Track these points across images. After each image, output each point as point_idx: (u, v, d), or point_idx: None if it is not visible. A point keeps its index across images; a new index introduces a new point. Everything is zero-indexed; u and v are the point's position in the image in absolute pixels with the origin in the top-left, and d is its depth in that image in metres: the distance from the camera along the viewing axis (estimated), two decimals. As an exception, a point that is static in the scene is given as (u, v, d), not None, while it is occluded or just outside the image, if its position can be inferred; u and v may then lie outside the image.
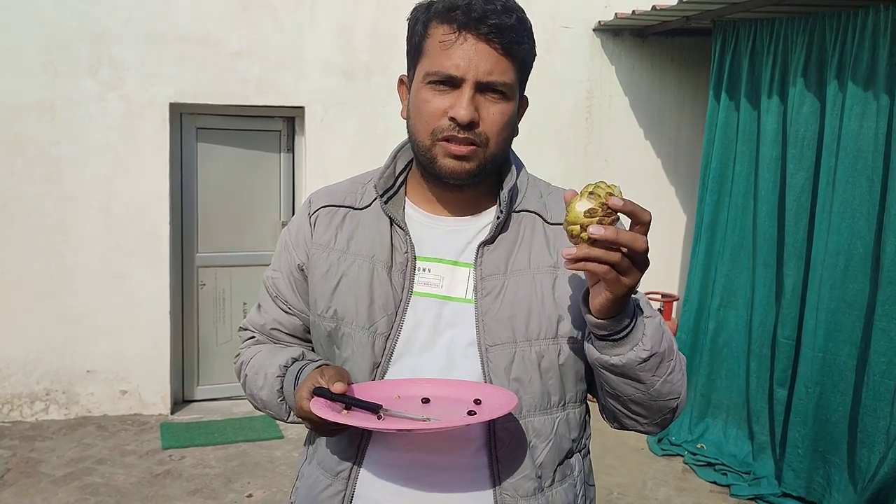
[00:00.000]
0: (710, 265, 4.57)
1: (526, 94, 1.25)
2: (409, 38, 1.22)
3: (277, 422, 4.77)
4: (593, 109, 5.47)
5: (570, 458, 1.25)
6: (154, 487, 3.86)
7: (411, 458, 1.19)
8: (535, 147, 4.99)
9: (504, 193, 1.23)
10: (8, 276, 4.64)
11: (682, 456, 4.43)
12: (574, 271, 1.19)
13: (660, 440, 4.56)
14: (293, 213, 5.26)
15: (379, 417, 1.10)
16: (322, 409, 1.09)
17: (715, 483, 4.12)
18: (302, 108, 5.01)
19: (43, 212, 4.65)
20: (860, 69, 3.65)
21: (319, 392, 1.11)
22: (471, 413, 1.11)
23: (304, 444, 1.36)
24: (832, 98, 3.80)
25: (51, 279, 4.68)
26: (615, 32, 5.42)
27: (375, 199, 1.27)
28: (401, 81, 1.28)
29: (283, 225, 5.24)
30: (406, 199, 1.28)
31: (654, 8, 4.68)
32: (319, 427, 1.14)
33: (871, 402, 3.56)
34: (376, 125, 5.07)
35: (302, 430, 4.64)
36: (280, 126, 5.21)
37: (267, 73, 4.91)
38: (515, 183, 1.25)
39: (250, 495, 3.82)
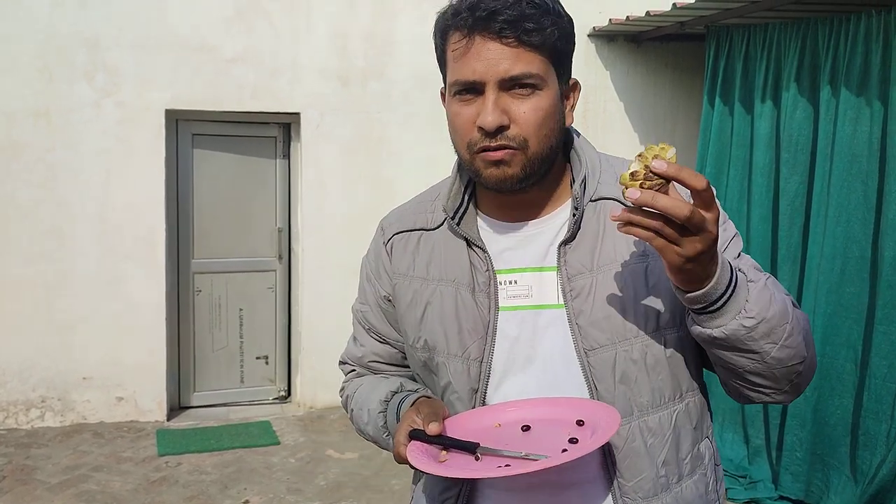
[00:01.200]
0: (705, 269, 4.57)
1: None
2: (435, 51, 1.17)
3: (274, 428, 4.76)
4: (588, 115, 5.48)
5: (697, 446, 1.18)
6: (150, 494, 3.85)
7: (528, 482, 1.13)
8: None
9: (577, 187, 1.14)
10: (3, 281, 4.63)
11: (678, 460, 4.43)
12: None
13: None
14: (289, 219, 5.26)
15: (476, 458, 1.07)
16: (418, 458, 1.06)
17: (711, 487, 4.12)
18: (297, 114, 5.01)
19: (38, 217, 4.64)
20: (853, 74, 3.66)
21: (415, 434, 1.09)
22: (573, 440, 1.07)
23: (413, 483, 1.33)
24: (825, 103, 3.81)
25: (46, 285, 4.67)
26: (610, 38, 5.44)
27: (446, 218, 1.21)
28: (442, 95, 1.22)
29: (279, 231, 5.24)
30: (478, 212, 1.22)
31: (648, 13, 4.70)
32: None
33: (872, 405, 3.56)
34: (372, 131, 5.07)
35: (298, 436, 4.64)
36: (276, 132, 5.21)
37: (262, 79, 4.91)
38: (586, 170, 1.16)
39: (246, 501, 3.81)
